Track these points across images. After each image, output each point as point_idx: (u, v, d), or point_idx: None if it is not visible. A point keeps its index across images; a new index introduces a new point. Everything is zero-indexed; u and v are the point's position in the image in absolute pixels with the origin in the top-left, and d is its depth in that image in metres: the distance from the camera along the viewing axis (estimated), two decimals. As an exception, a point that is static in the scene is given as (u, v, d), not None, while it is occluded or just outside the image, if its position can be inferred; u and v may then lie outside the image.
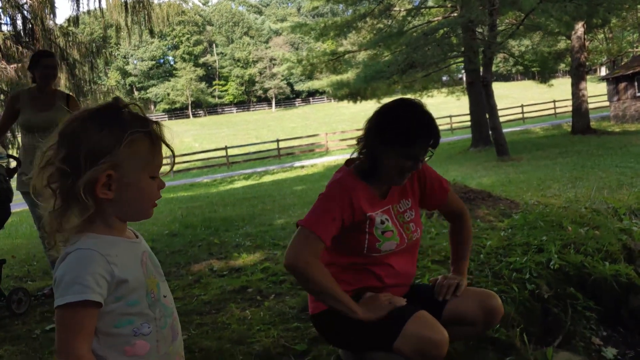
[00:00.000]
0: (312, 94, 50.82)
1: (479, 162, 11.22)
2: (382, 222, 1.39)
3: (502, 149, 11.33)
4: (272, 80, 52.53)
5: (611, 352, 2.02)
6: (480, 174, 7.89)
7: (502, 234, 2.93)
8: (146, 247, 0.93)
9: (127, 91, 52.47)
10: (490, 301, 1.41)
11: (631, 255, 2.74)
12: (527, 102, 26.76)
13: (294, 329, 1.91)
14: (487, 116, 12.29)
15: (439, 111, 24.46)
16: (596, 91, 23.66)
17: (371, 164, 1.38)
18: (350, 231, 1.37)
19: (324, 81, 15.79)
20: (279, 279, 2.60)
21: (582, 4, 9.03)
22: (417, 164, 1.34)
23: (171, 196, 11.43)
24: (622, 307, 2.32)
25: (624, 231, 2.96)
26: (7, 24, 8.99)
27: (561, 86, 23.96)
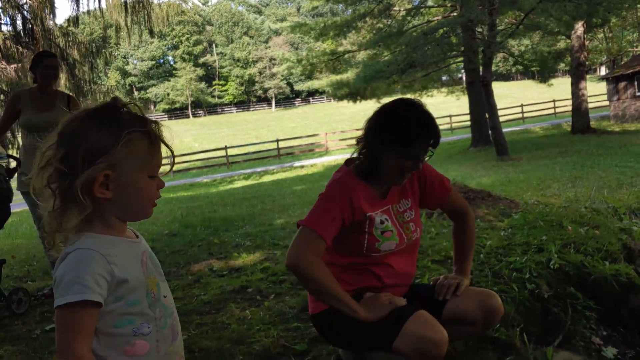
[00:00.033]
0: (311, 93, 50.83)
1: (479, 161, 11.22)
2: (382, 222, 1.39)
3: (501, 149, 11.33)
4: (272, 80, 52.51)
5: (611, 351, 2.02)
6: (480, 174, 7.89)
7: (502, 233, 2.93)
8: (146, 246, 0.93)
9: (127, 91, 52.45)
10: (490, 301, 1.40)
11: (631, 254, 2.74)
12: (527, 101, 26.76)
13: (294, 328, 1.91)
14: (487, 116, 12.30)
15: (439, 111, 24.45)
16: (596, 91, 23.64)
17: (371, 164, 1.38)
18: (350, 231, 1.36)
19: (324, 81, 15.80)
20: (279, 279, 2.60)
21: (582, 4, 9.03)
22: (417, 163, 1.34)
23: (171, 196, 11.43)
24: (622, 307, 2.32)
25: (624, 231, 2.96)
26: (7, 24, 9.01)
27: (561, 86, 23.97)
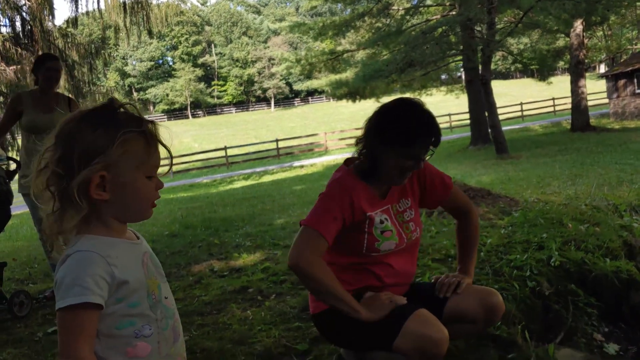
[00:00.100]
0: (311, 93, 50.80)
1: (478, 160, 11.22)
2: (382, 221, 1.38)
3: (501, 147, 11.33)
4: (271, 80, 52.48)
5: (613, 347, 2.02)
6: (479, 172, 7.89)
7: (502, 231, 2.93)
8: (147, 248, 0.92)
9: (126, 92, 52.42)
10: (491, 298, 1.40)
11: (632, 251, 2.74)
12: (526, 99, 26.74)
13: (295, 328, 1.91)
14: (486, 114, 12.30)
15: (438, 110, 24.41)
16: (595, 88, 23.65)
17: (371, 164, 1.37)
18: (349, 231, 1.36)
19: (323, 80, 15.80)
20: (280, 279, 2.60)
21: (581, 2, 9.03)
22: (418, 163, 1.34)
23: (171, 197, 11.43)
24: (623, 303, 2.33)
25: (625, 228, 2.96)
26: (6, 26, 9.01)
27: (560, 84, 23.95)
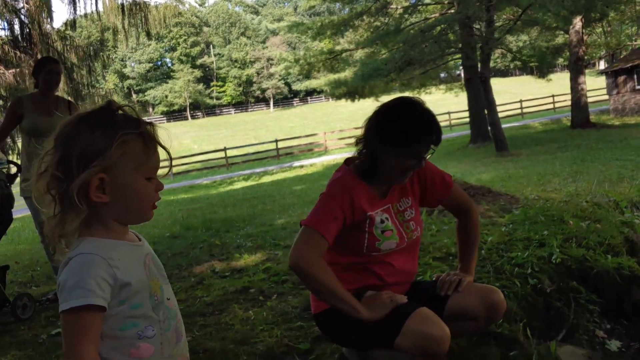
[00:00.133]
0: (309, 93, 50.82)
1: (478, 158, 11.22)
2: (382, 221, 1.38)
3: (501, 145, 11.34)
4: (270, 80, 52.46)
5: (615, 344, 2.02)
6: (479, 170, 7.90)
7: (503, 229, 2.93)
8: (149, 249, 0.92)
9: (125, 94, 52.40)
10: (492, 296, 1.40)
11: (633, 247, 2.73)
12: (526, 97, 26.73)
13: (297, 328, 1.91)
14: (486, 112, 12.30)
15: (437, 108, 24.30)
16: (595, 85, 23.61)
17: (371, 163, 1.37)
18: (350, 230, 1.36)
19: (322, 80, 15.82)
20: (281, 279, 2.60)
21: (579, -2, 9.03)
22: (419, 162, 1.34)
23: (171, 198, 11.44)
24: (625, 300, 2.32)
25: (626, 224, 2.95)
26: (4, 29, 9.03)
27: (560, 81, 23.98)
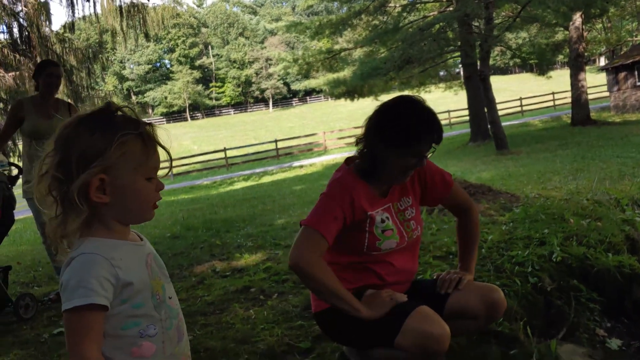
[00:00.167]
0: (309, 93, 50.80)
1: (478, 156, 11.22)
2: (383, 220, 1.38)
3: (501, 143, 11.33)
4: (269, 80, 52.45)
5: (616, 343, 2.02)
6: (479, 169, 7.90)
7: (504, 227, 2.93)
8: (151, 249, 0.93)
9: (125, 96, 52.41)
10: (492, 295, 1.41)
11: (634, 246, 2.73)
12: (526, 94, 26.70)
13: (298, 327, 1.91)
14: (486, 110, 12.29)
15: (437, 106, 24.17)
16: (595, 82, 23.58)
17: (371, 163, 1.37)
18: (350, 230, 1.37)
19: (321, 80, 15.82)
20: (282, 278, 2.61)
21: (579, -6, 9.01)
22: (421, 161, 1.34)
23: (172, 199, 11.45)
24: (626, 298, 2.32)
25: (627, 222, 2.95)
26: (3, 32, 9.05)
27: (560, 78, 23.94)
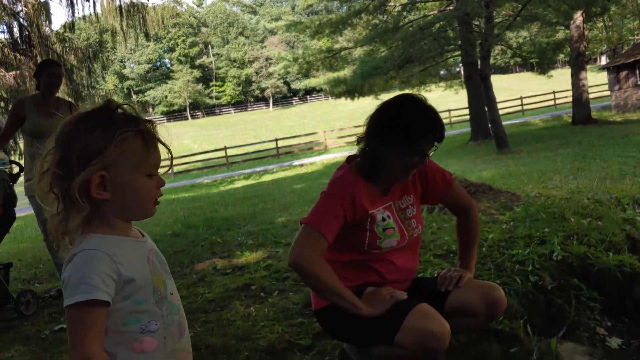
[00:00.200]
0: (309, 92, 50.77)
1: (479, 155, 11.22)
2: (384, 219, 1.39)
3: (501, 142, 11.31)
4: (269, 79, 52.44)
5: (616, 341, 2.02)
6: (480, 168, 7.89)
7: (504, 226, 2.93)
8: (153, 245, 0.94)
9: (125, 95, 52.41)
10: (493, 293, 1.41)
11: (635, 245, 2.73)
12: (526, 94, 26.67)
13: (298, 324, 1.92)
14: (486, 109, 12.27)
15: (438, 105, 23.79)
16: (596, 81, 23.55)
17: (372, 161, 1.37)
18: (351, 228, 1.37)
19: (321, 79, 15.78)
20: (282, 276, 2.61)
21: (580, -7, 8.99)
22: (423, 159, 1.34)
23: (172, 197, 11.46)
24: (626, 297, 2.32)
25: (628, 221, 2.94)
26: (4, 32, 9.05)
27: (561, 77, 23.88)
